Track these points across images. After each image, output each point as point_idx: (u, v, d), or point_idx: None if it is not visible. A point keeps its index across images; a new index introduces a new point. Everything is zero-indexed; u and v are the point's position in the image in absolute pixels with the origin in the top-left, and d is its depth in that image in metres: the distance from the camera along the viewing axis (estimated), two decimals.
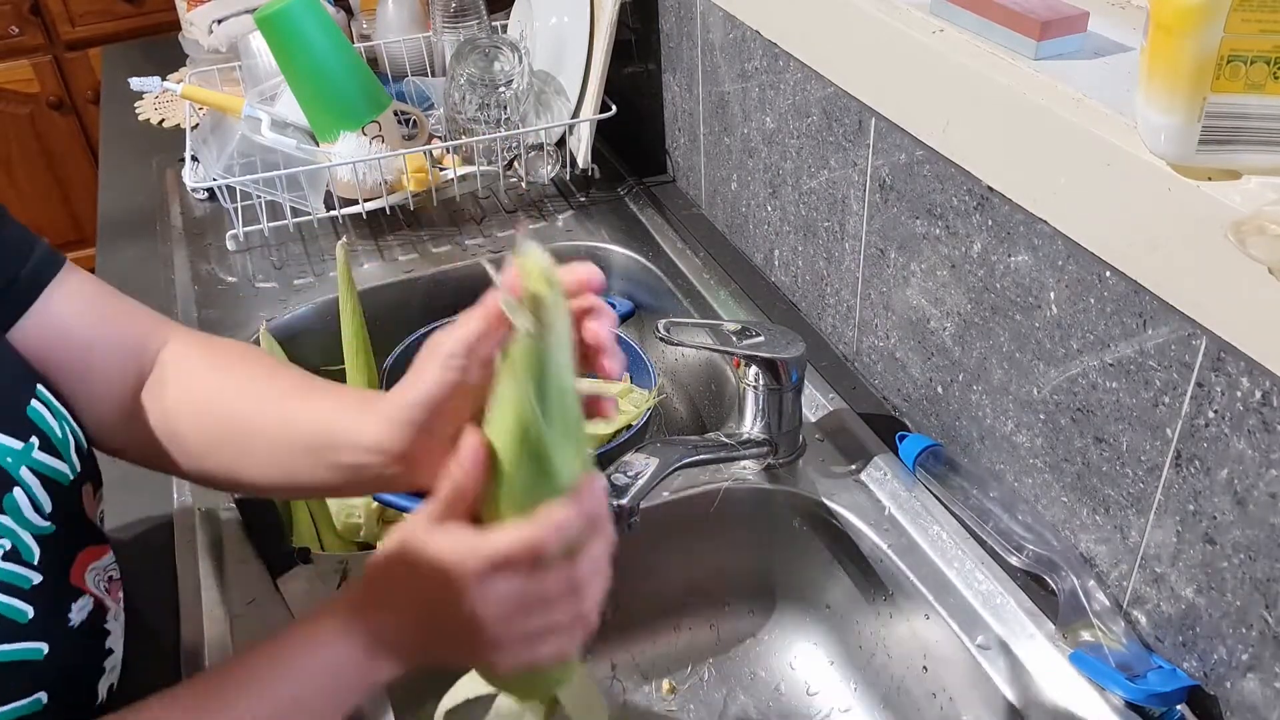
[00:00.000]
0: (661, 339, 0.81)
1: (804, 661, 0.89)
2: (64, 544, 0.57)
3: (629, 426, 0.95)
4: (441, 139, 1.26)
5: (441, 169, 1.23)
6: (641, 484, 0.73)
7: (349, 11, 1.60)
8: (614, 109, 1.21)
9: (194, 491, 0.84)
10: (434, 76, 1.41)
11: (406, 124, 1.23)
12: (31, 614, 0.53)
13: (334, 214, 1.19)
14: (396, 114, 1.21)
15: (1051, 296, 0.68)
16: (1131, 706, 0.64)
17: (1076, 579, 0.69)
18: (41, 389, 0.58)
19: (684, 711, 0.87)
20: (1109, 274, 0.62)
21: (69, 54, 2.55)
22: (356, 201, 1.19)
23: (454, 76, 1.18)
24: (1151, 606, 0.66)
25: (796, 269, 1.02)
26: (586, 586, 0.51)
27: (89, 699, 0.60)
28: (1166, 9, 0.51)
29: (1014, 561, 0.73)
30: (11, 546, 0.53)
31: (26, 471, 0.55)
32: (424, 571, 0.50)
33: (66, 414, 0.60)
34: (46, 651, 0.54)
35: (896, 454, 0.84)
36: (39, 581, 0.54)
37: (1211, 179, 0.53)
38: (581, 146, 1.25)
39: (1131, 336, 0.62)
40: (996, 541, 0.74)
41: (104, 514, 0.65)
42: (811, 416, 0.90)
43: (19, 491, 0.54)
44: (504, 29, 1.39)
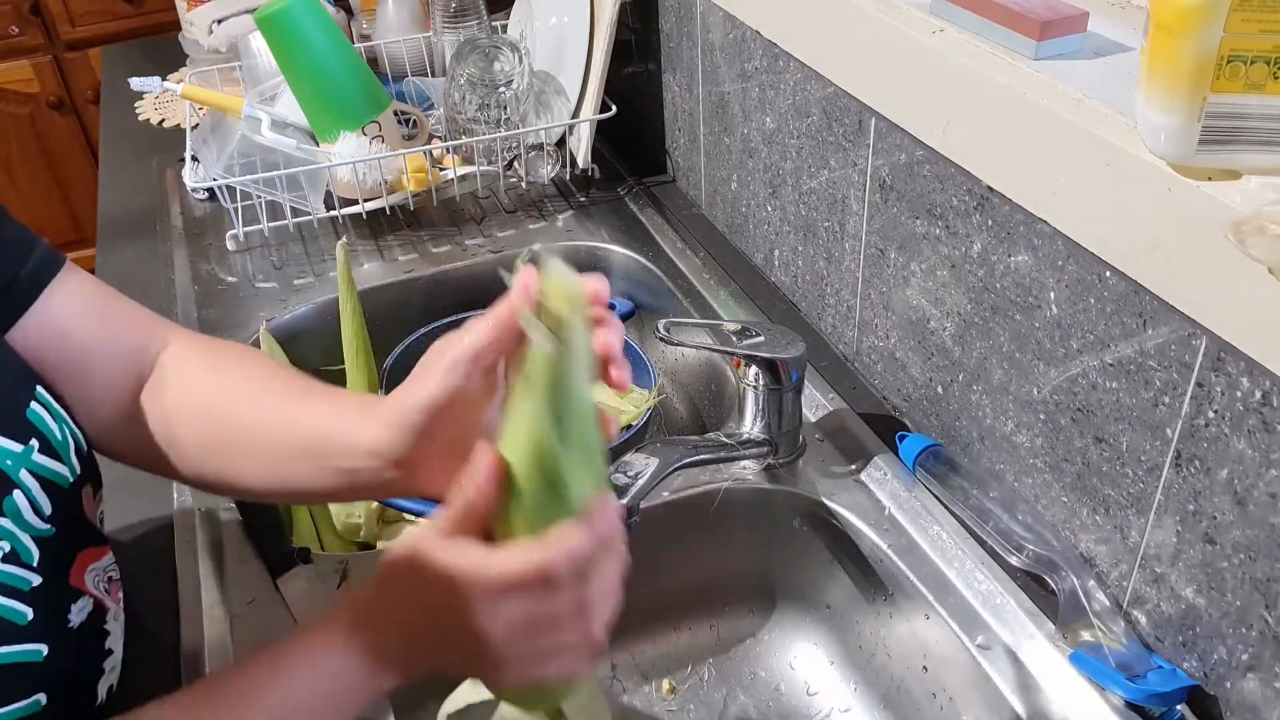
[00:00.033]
0: (661, 339, 0.81)
1: (804, 661, 0.89)
2: (63, 546, 0.57)
3: (629, 426, 0.95)
4: (441, 139, 1.26)
5: (441, 169, 1.23)
6: (641, 484, 0.73)
7: (349, 11, 1.60)
8: (614, 109, 1.21)
9: (194, 492, 0.84)
10: (434, 76, 1.41)
11: (406, 124, 1.23)
12: (31, 616, 0.53)
13: (334, 214, 1.19)
14: (396, 114, 1.21)
15: (1051, 296, 0.68)
16: (1131, 706, 0.64)
17: (1076, 579, 0.69)
18: (41, 391, 0.58)
19: (684, 711, 0.87)
20: (1109, 274, 0.62)
21: (69, 54, 2.55)
22: (356, 201, 1.19)
23: (454, 76, 1.18)
24: (1151, 606, 0.66)
25: (796, 269, 1.02)
26: (596, 608, 0.50)
27: (88, 700, 0.60)
28: (1166, 9, 0.51)
29: (1014, 561, 0.73)
30: (11, 549, 0.53)
31: (26, 474, 0.55)
32: (432, 585, 0.49)
33: (66, 416, 0.60)
34: (46, 653, 0.54)
35: (896, 454, 0.84)
36: (38, 583, 0.54)
37: (1211, 179, 0.53)
38: (581, 146, 1.24)
39: (1131, 336, 0.62)
40: (996, 541, 0.74)
41: (104, 515, 0.65)
42: (811, 416, 0.90)
43: (19, 494, 0.54)
44: (504, 29, 1.39)
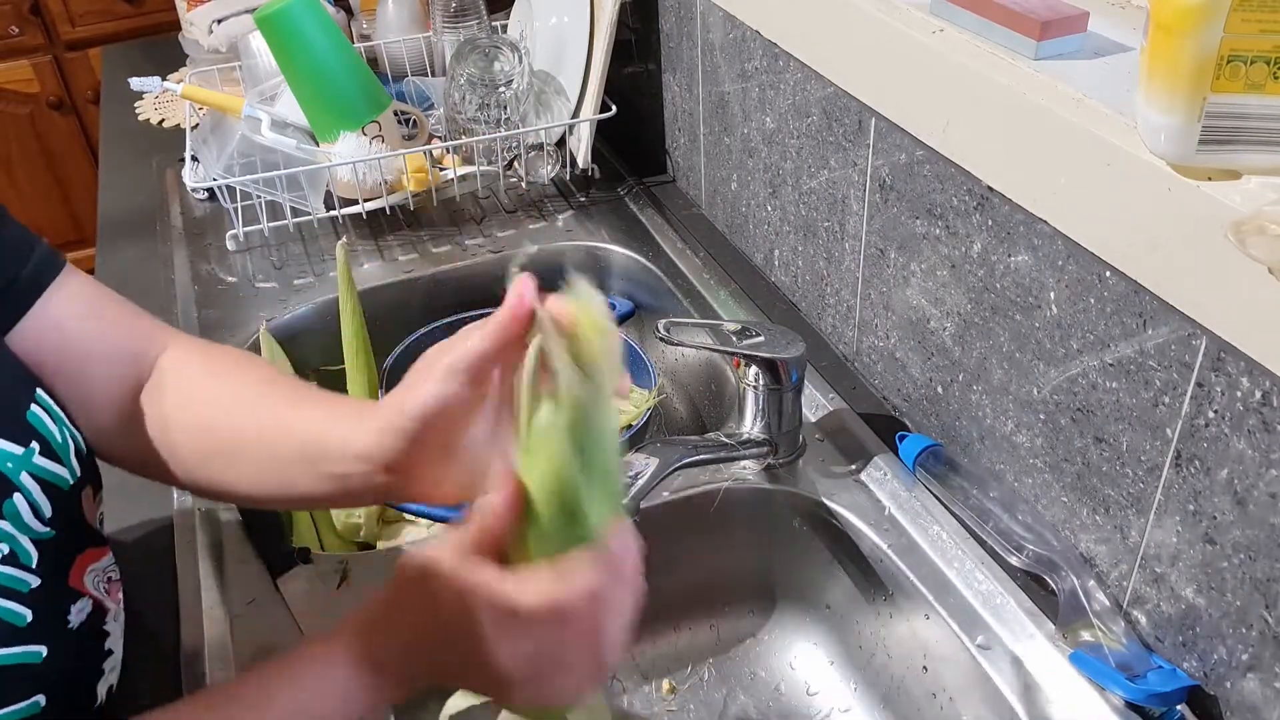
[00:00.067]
0: (661, 339, 0.81)
1: (804, 661, 0.88)
2: (63, 548, 0.57)
3: (629, 426, 0.95)
4: (441, 139, 1.26)
5: (441, 169, 1.23)
6: (641, 484, 0.73)
7: (349, 11, 1.60)
8: (614, 109, 1.21)
9: None
10: (434, 76, 1.41)
11: (406, 124, 1.23)
12: (30, 617, 0.53)
13: (334, 214, 1.19)
14: (396, 114, 1.21)
15: (1051, 296, 0.68)
16: (1131, 706, 0.64)
17: (1076, 579, 0.69)
18: (41, 393, 0.58)
19: (684, 711, 0.87)
20: (1109, 274, 0.62)
21: (69, 54, 2.55)
22: (356, 201, 1.19)
23: (454, 76, 1.18)
24: (1151, 606, 0.66)
25: (796, 269, 1.02)
26: (607, 636, 0.50)
27: (88, 700, 0.60)
28: (1166, 9, 0.51)
29: (1014, 561, 0.73)
30: (10, 551, 0.53)
31: (27, 477, 0.55)
32: (443, 602, 0.49)
33: (65, 418, 0.59)
34: (45, 654, 0.54)
35: (896, 454, 0.84)
36: (37, 585, 0.54)
37: (1211, 179, 0.53)
38: (581, 146, 1.24)
39: (1131, 336, 0.62)
40: (996, 541, 0.74)
41: (104, 516, 0.65)
42: (811, 416, 0.90)
43: (19, 497, 0.54)
44: (504, 29, 1.39)
